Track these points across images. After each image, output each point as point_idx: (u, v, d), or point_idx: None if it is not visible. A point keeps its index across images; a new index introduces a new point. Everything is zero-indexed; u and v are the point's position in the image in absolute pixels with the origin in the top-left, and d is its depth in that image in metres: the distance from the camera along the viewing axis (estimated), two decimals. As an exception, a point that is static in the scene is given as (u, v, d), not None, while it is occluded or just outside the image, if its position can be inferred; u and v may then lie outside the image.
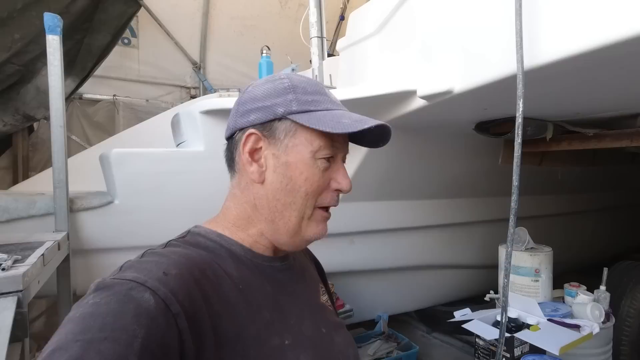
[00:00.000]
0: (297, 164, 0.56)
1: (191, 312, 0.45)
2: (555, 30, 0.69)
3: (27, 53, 2.21)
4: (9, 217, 1.32)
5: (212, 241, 0.58)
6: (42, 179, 2.24)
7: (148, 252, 0.52)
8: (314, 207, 0.57)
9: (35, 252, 1.01)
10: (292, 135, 0.57)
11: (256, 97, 0.58)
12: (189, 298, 0.46)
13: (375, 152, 1.69)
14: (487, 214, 2.51)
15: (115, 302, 0.41)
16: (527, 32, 0.72)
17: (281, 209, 0.57)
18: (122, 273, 0.46)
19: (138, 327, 0.40)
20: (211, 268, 0.53)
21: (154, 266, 0.47)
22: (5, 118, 2.41)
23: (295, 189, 0.56)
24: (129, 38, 3.01)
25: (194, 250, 0.55)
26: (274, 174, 0.57)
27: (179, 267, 0.48)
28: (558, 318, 1.49)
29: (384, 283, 2.48)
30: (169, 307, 0.43)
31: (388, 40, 1.41)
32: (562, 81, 0.83)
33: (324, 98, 0.58)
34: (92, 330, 0.39)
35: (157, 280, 0.44)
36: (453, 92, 0.98)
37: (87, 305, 0.41)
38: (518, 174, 0.73)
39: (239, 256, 0.58)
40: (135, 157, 1.47)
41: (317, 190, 0.57)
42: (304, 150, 0.56)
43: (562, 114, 1.34)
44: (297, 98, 0.57)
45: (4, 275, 0.80)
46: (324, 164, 0.57)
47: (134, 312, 0.41)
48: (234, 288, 0.53)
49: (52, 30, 1.29)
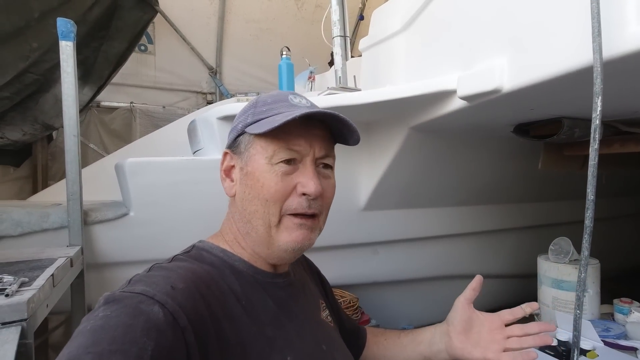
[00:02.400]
0: (254, 172, 0.57)
1: (198, 326, 0.46)
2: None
3: (45, 62, 2.19)
4: (22, 231, 1.27)
5: (216, 257, 0.59)
6: (60, 188, 2.21)
7: (155, 266, 0.54)
8: (279, 214, 0.57)
9: (44, 272, 0.94)
10: (251, 146, 0.58)
11: (233, 122, 0.63)
12: (195, 312, 0.47)
13: (400, 159, 1.58)
14: (519, 220, 2.36)
15: (125, 315, 0.42)
16: (605, 15, 0.60)
17: (249, 218, 0.58)
18: (131, 286, 0.47)
19: (148, 340, 0.40)
20: (216, 283, 0.54)
21: (161, 280, 0.48)
22: (24, 127, 2.41)
23: (256, 197, 0.57)
24: (146, 45, 2.99)
25: (199, 265, 0.56)
26: (239, 186, 0.60)
27: (185, 281, 0.49)
28: (611, 339, 1.34)
29: (409, 294, 2.35)
30: (177, 321, 0.44)
31: (418, 37, 1.30)
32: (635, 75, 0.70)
33: (280, 105, 0.58)
34: (103, 343, 0.39)
35: (166, 294, 0.45)
36: (501, 91, 0.87)
37: (97, 318, 0.42)
38: (594, 186, 0.61)
39: (242, 272, 0.59)
40: (151, 167, 1.40)
41: (277, 195, 0.56)
42: (260, 158, 0.57)
43: (617, 113, 1.20)
44: (253, 111, 0.59)
45: (7, 302, 0.72)
46: (283, 168, 0.56)
47: (144, 326, 0.41)
48: (237, 304, 0.54)
49: (66, 36, 1.24)
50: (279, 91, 0.64)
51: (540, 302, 1.71)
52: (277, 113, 0.57)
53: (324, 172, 0.61)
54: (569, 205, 2.46)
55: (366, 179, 1.71)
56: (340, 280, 2.02)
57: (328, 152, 0.61)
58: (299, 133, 0.57)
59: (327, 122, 0.59)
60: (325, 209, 0.62)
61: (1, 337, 0.69)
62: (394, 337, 0.82)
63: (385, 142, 1.59)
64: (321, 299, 0.74)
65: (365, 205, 1.77)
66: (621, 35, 0.58)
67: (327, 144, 0.61)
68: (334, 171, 0.65)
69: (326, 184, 0.61)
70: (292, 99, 0.60)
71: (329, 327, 0.70)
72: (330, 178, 0.63)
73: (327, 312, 0.72)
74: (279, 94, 0.62)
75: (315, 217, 0.60)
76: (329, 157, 0.61)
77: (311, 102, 0.63)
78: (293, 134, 0.56)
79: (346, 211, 1.75)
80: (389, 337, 0.84)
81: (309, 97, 0.66)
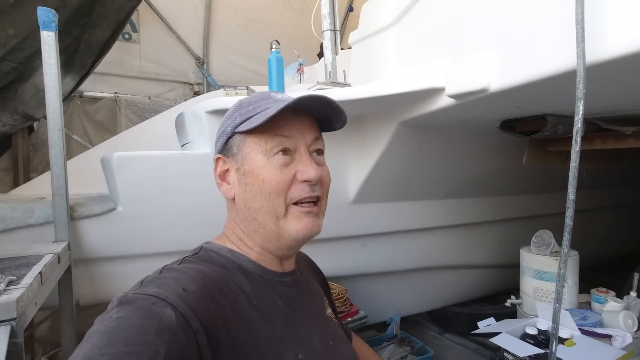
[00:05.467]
0: (252, 169, 0.58)
1: (210, 328, 0.46)
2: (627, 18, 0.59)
3: (24, 50, 2.11)
4: (5, 227, 1.25)
5: (225, 257, 0.59)
6: (43, 181, 2.16)
7: (166, 268, 0.54)
8: (285, 204, 0.58)
9: (32, 269, 0.92)
10: (243, 145, 0.59)
11: (219, 129, 0.63)
12: (207, 314, 0.47)
13: (389, 153, 1.60)
14: (504, 213, 2.43)
15: (138, 316, 0.42)
16: (590, 21, 0.61)
17: (255, 215, 0.59)
18: (143, 288, 0.47)
19: (161, 342, 0.40)
20: (226, 284, 0.54)
21: (173, 282, 0.48)
22: (3, 118, 2.33)
23: (259, 193, 0.58)
24: (130, 33, 2.90)
25: (208, 266, 0.56)
26: (238, 187, 0.60)
27: (197, 283, 0.49)
28: (588, 327, 1.41)
29: (396, 285, 2.40)
30: (189, 323, 0.44)
31: (408, 32, 1.30)
32: (623, 76, 0.72)
33: (265, 102, 0.59)
34: (117, 345, 0.39)
35: (178, 296, 0.45)
36: (488, 90, 0.88)
37: (111, 319, 0.42)
38: (574, 186, 0.63)
39: (251, 272, 0.59)
40: (139, 161, 1.38)
41: (279, 187, 0.57)
42: (255, 154, 0.58)
43: (598, 111, 1.24)
44: (240, 112, 0.60)
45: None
46: (281, 160, 0.58)
47: (157, 328, 0.41)
48: (248, 304, 0.54)
49: (47, 26, 1.20)
50: (261, 91, 0.65)
51: (522, 292, 1.78)
52: (265, 108, 0.58)
53: (318, 159, 0.63)
54: (551, 198, 2.54)
55: (356, 172, 1.73)
56: (329, 272, 2.03)
57: (319, 137, 0.63)
58: (289, 124, 0.58)
59: (313, 111, 0.61)
60: (325, 194, 0.63)
61: (-9, 337, 0.68)
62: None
63: (374, 136, 1.60)
64: (324, 296, 0.76)
65: (355, 198, 1.79)
66: (603, 43, 0.60)
67: (317, 131, 0.63)
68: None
69: (322, 171, 0.62)
70: (274, 95, 0.62)
71: (334, 323, 0.71)
72: (324, 164, 0.64)
73: (330, 310, 0.74)
74: (261, 93, 0.64)
75: (318, 202, 0.61)
76: (319, 140, 0.63)
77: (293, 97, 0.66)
78: (284, 126, 0.58)
79: (336, 204, 1.76)
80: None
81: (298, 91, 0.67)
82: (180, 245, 0.65)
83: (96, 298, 1.53)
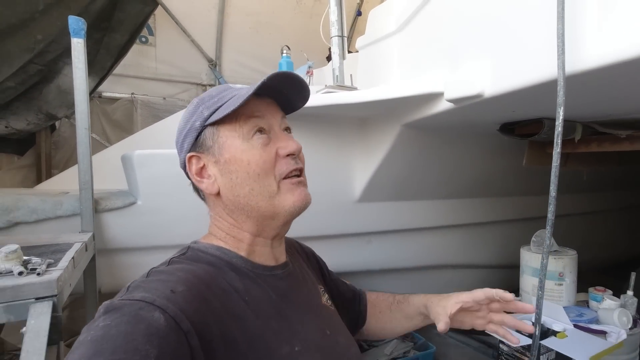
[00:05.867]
0: (234, 156, 0.58)
1: (201, 328, 0.45)
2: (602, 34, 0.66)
3: (49, 53, 2.24)
4: (37, 218, 1.35)
5: (213, 255, 0.59)
6: (64, 177, 2.28)
7: (153, 271, 0.53)
8: (276, 181, 0.59)
9: (65, 254, 1.03)
10: (217, 136, 0.59)
11: (180, 128, 0.63)
12: (198, 314, 0.46)
13: (393, 153, 1.67)
14: (505, 213, 2.47)
15: (125, 323, 0.41)
16: (569, 36, 0.69)
17: (245, 201, 0.59)
18: (129, 294, 0.46)
19: (150, 347, 0.40)
20: (216, 282, 0.54)
21: (160, 285, 0.48)
22: (28, 117, 2.47)
23: (246, 177, 0.58)
24: (146, 36, 3.03)
25: (198, 266, 0.55)
26: (222, 178, 0.59)
27: (185, 284, 0.49)
28: (583, 324, 1.46)
29: (400, 282, 2.46)
30: (179, 325, 0.43)
31: (411, 40, 1.38)
32: (602, 85, 0.80)
33: (228, 92, 0.61)
34: (105, 353, 0.38)
35: (166, 299, 0.45)
36: (483, 96, 0.96)
37: (98, 328, 0.41)
38: (556, 184, 0.70)
39: (240, 268, 0.58)
40: (158, 158, 1.48)
41: (266, 165, 0.58)
42: (233, 141, 0.58)
43: (593, 115, 1.30)
44: (205, 106, 0.60)
45: (40, 280, 0.82)
46: (260, 139, 0.59)
47: (145, 332, 0.40)
48: (240, 301, 0.54)
49: (77, 33, 1.30)
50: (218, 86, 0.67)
51: (521, 290, 1.83)
52: (231, 97, 0.59)
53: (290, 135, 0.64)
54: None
55: (361, 172, 1.80)
56: (335, 268, 2.10)
57: (284, 117, 0.65)
58: (257, 105, 0.60)
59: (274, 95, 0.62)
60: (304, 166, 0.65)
61: (37, 310, 0.78)
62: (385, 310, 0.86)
63: (379, 137, 1.67)
64: (319, 283, 0.75)
65: (360, 197, 1.86)
66: (580, 55, 0.68)
67: (282, 111, 0.65)
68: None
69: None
70: (233, 86, 0.63)
71: (330, 311, 0.71)
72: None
73: (327, 297, 0.74)
74: (219, 87, 0.64)
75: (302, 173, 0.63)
76: (286, 120, 0.65)
77: None
78: (254, 107, 0.59)
79: (342, 202, 1.84)
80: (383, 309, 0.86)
81: None
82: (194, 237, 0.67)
83: (116, 286, 1.63)
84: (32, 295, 0.80)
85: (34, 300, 0.80)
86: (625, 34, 0.62)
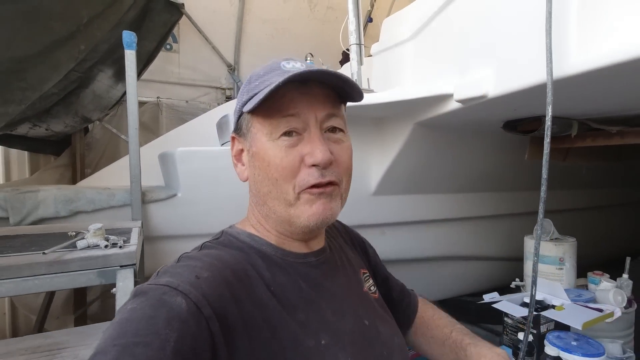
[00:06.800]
0: (259, 152, 0.54)
1: (223, 314, 0.46)
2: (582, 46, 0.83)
3: (87, 61, 2.45)
4: (94, 208, 1.54)
5: (244, 242, 0.58)
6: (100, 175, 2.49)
7: (183, 256, 0.54)
8: (294, 192, 0.53)
9: (131, 235, 1.21)
10: (251, 125, 0.55)
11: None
12: (220, 300, 0.46)
13: (406, 149, 1.83)
14: (512, 207, 2.61)
15: (149, 307, 0.42)
16: (556, 46, 0.85)
17: (264, 200, 0.56)
18: (157, 279, 0.48)
19: (170, 331, 0.40)
20: (244, 269, 0.53)
21: (186, 270, 0.48)
22: (66, 120, 2.68)
23: (265, 177, 0.54)
24: (171, 44, 3.24)
25: (227, 251, 0.55)
26: (250, 169, 0.57)
27: (211, 269, 0.49)
28: (581, 303, 1.60)
29: (412, 273, 2.61)
30: (200, 310, 0.44)
31: (424, 46, 1.54)
32: (587, 87, 0.96)
33: (272, 74, 0.54)
34: (127, 335, 0.40)
35: (189, 284, 0.45)
36: (487, 96, 1.12)
37: (126, 310, 0.43)
38: (547, 168, 0.86)
39: (270, 256, 0.57)
40: (196, 155, 1.67)
41: (285, 172, 0.53)
42: (261, 136, 0.54)
43: (587, 113, 1.45)
44: (248, 88, 0.56)
45: (123, 251, 1.00)
46: (286, 142, 0.53)
47: (166, 316, 0.41)
48: (266, 289, 0.53)
49: (130, 46, 1.49)
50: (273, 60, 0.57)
51: (525, 275, 1.98)
52: (269, 84, 0.51)
53: (334, 136, 0.56)
54: (561, 195, 2.71)
55: (376, 167, 1.97)
56: (351, 257, 2.28)
57: (334, 112, 0.56)
58: (296, 99, 0.52)
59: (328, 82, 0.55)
60: (345, 175, 0.57)
61: (122, 275, 0.96)
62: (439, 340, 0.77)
63: (393, 135, 1.84)
64: (364, 268, 0.72)
65: (375, 190, 2.03)
66: (565, 63, 0.84)
67: (332, 104, 0.56)
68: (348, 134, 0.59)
69: (338, 149, 0.56)
70: (284, 65, 0.55)
71: (373, 298, 0.67)
72: (343, 141, 0.57)
73: (371, 282, 0.70)
74: (272, 62, 0.56)
75: (334, 184, 0.55)
76: (335, 117, 0.56)
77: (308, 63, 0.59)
78: (289, 103, 0.52)
79: (358, 195, 2.01)
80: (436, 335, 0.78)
81: None
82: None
83: (155, 270, 1.82)
84: (117, 263, 0.98)
85: (119, 267, 0.98)
86: (598, 48, 0.79)
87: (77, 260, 0.93)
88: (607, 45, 0.77)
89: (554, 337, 1.27)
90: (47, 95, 2.33)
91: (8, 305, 2.73)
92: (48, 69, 1.97)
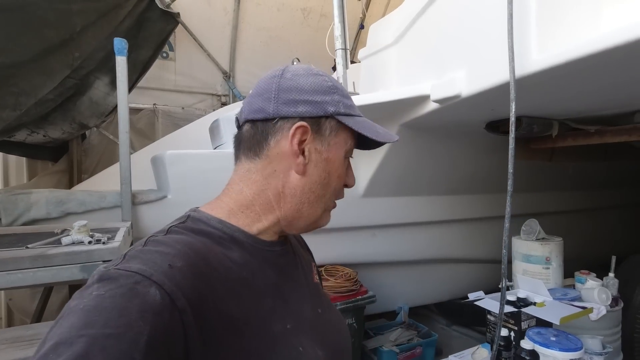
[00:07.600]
0: (334, 161, 0.60)
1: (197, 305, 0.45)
2: (542, 45, 0.87)
3: (83, 69, 2.51)
4: (85, 209, 1.58)
5: (214, 228, 0.57)
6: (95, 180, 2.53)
7: (151, 240, 0.51)
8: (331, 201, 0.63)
9: (117, 233, 1.24)
10: (335, 134, 0.60)
11: (303, 88, 0.58)
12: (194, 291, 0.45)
13: (394, 151, 1.87)
14: (501, 210, 2.60)
15: (120, 296, 0.40)
16: (518, 46, 0.89)
17: (313, 200, 0.60)
18: (126, 263, 0.44)
19: (143, 323, 0.39)
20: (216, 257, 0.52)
21: (159, 257, 0.46)
22: (64, 127, 2.74)
23: (330, 184, 0.60)
24: (167, 52, 3.31)
25: (196, 238, 0.54)
26: (315, 168, 0.59)
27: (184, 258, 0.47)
28: (566, 301, 1.62)
29: (404, 275, 2.63)
30: (174, 303, 0.42)
31: (405, 51, 1.59)
32: (552, 85, 0.99)
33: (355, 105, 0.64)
34: (96, 326, 0.37)
35: (163, 274, 0.43)
36: (461, 96, 1.16)
37: (91, 297, 0.40)
38: (513, 163, 0.90)
39: (242, 242, 0.57)
40: (186, 158, 1.71)
41: (335, 188, 0.62)
42: (341, 150, 0.60)
43: (566, 113, 1.49)
44: (342, 101, 0.60)
45: (106, 247, 1.03)
46: (346, 163, 0.63)
47: (139, 308, 0.39)
48: (238, 277, 0.53)
49: (120, 52, 1.54)
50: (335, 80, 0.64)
51: (513, 275, 1.99)
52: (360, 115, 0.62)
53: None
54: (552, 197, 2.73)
55: (364, 169, 2.01)
56: (341, 259, 2.31)
57: None
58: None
59: None
60: None
61: (105, 269, 0.99)
62: None
63: (379, 137, 1.87)
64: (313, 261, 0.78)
65: (364, 192, 2.06)
66: (528, 60, 0.88)
67: None
68: None
69: None
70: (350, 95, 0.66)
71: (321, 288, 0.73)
72: None
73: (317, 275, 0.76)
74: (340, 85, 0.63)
75: None
76: None
77: None
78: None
79: (347, 197, 2.01)
80: None
81: None
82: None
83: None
84: (100, 258, 1.01)
85: (102, 262, 1.01)
86: (557, 46, 0.83)
87: (61, 255, 0.96)
88: (564, 44, 0.81)
89: (534, 332, 1.28)
90: (43, 101, 2.39)
91: (4, 310, 2.75)
92: (41, 75, 2.02)
